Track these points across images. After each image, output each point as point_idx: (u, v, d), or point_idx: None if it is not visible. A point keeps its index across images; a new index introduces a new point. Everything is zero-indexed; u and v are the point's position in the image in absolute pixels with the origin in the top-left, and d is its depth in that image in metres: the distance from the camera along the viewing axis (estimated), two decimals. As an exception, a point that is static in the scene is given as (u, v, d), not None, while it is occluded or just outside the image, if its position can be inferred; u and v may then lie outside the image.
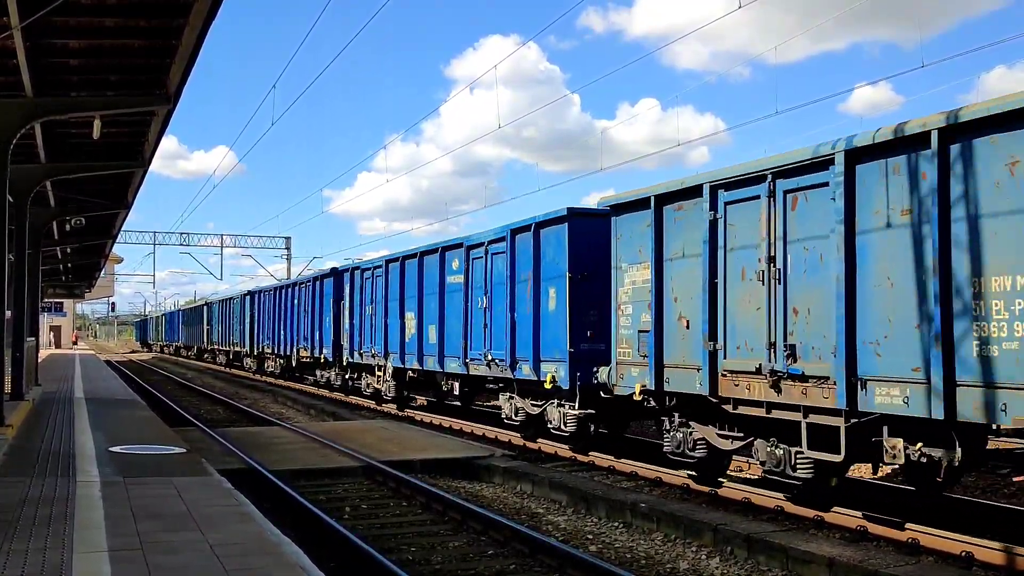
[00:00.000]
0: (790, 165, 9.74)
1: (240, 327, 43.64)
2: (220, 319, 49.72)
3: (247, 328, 41.79)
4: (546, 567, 8.46)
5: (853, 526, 9.42)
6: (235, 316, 45.12)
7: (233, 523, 7.87)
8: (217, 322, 50.69)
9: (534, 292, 15.42)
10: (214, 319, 52.16)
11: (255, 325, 40.68)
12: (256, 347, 40.58)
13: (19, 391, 18.31)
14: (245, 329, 42.31)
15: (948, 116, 8.09)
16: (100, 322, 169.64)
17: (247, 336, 41.94)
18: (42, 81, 14.21)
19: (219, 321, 49.99)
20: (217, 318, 50.86)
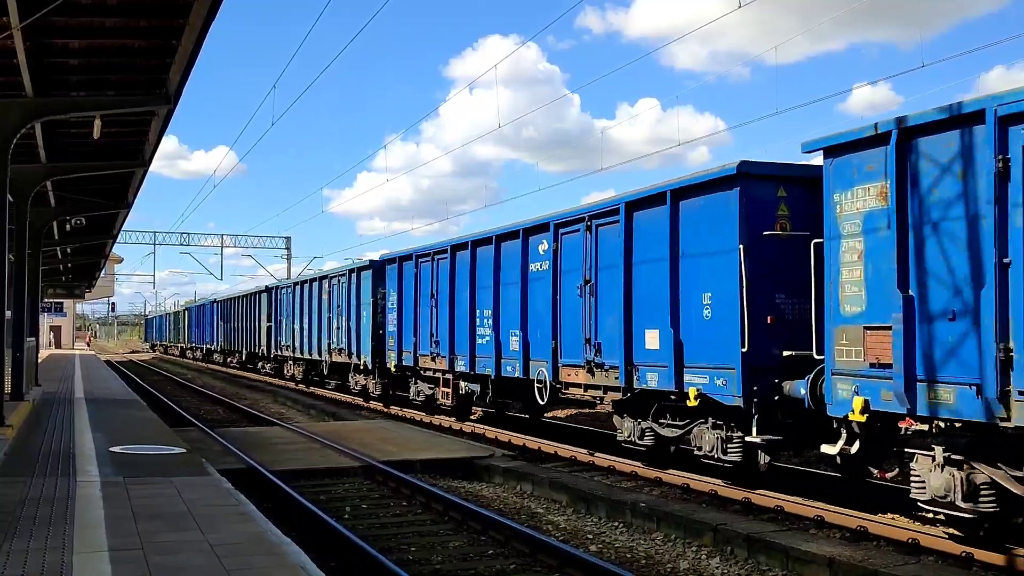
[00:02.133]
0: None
1: (307, 323, 30.77)
2: (298, 310, 31.85)
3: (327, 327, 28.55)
4: (546, 567, 8.46)
5: (853, 526, 9.41)
6: (314, 308, 30.06)
7: (233, 523, 7.87)
8: (293, 315, 32.57)
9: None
10: (291, 311, 32.95)
11: (311, 323, 30.14)
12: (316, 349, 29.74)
13: (19, 391, 18.33)
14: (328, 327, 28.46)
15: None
16: (100, 322, 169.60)
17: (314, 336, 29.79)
18: (42, 81, 14.22)
19: (295, 313, 32.36)
20: (295, 307, 32.30)
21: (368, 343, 24.00)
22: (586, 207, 14.15)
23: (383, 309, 23.24)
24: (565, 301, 14.66)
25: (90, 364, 44.35)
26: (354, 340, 25.19)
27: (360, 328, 24.73)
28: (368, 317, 24.03)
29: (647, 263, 12.36)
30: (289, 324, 32.90)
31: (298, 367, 33.01)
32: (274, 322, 35.82)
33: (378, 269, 23.74)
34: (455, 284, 18.93)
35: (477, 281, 17.83)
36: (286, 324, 33.59)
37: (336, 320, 26.93)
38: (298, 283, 32.23)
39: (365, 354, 24.24)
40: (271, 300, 36.67)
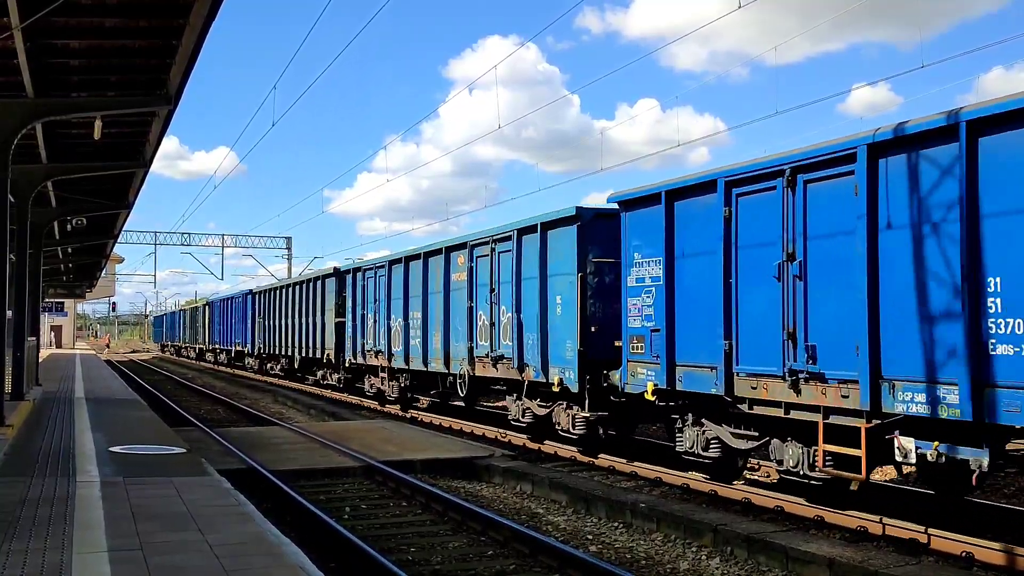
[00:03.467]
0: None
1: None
2: (398, 302, 22.18)
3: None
4: (546, 567, 8.46)
5: (853, 526, 9.42)
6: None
7: (233, 523, 7.87)
8: (387, 309, 22.80)
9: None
10: (382, 302, 23.13)
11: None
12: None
13: (19, 391, 18.33)
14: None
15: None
16: (101, 322, 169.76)
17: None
18: (43, 81, 14.23)
19: (390, 306, 22.73)
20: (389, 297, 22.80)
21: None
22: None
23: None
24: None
25: (91, 364, 44.37)
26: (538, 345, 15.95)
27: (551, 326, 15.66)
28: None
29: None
30: (379, 320, 23.02)
31: (395, 381, 22.43)
32: (355, 317, 25.06)
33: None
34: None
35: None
36: (372, 320, 23.62)
37: (493, 314, 16.87)
38: (399, 261, 21.80)
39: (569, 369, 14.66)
40: (343, 288, 26.95)
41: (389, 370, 22.55)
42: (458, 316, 18.21)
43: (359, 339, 24.67)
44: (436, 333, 19.34)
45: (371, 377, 24.40)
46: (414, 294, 20.74)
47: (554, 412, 14.94)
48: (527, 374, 15.46)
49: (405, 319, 21.15)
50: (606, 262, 13.84)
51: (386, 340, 22.37)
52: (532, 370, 15.23)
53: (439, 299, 19.15)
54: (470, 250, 17.73)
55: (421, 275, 20.24)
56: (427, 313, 19.87)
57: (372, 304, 23.65)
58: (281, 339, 35.89)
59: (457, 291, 18.27)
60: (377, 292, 23.35)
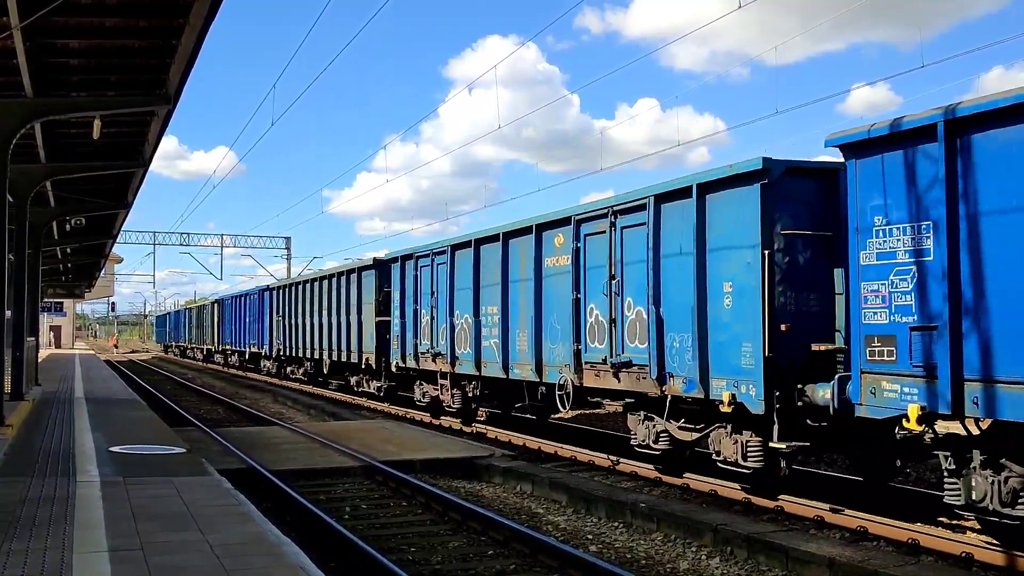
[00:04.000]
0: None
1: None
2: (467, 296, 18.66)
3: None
4: (546, 567, 8.46)
5: (853, 526, 9.42)
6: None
7: (233, 523, 7.87)
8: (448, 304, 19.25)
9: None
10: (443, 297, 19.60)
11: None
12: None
13: (19, 391, 18.33)
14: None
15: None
16: (100, 322, 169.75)
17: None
18: (42, 81, 14.23)
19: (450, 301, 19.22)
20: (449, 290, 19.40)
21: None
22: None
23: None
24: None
25: (91, 364, 44.36)
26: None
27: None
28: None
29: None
30: (437, 317, 19.37)
31: (459, 389, 18.89)
32: (403, 314, 21.24)
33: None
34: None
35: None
36: (429, 318, 19.75)
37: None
38: (465, 244, 18.18)
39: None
40: (385, 281, 23.53)
41: (452, 376, 18.85)
42: (556, 311, 14.49)
43: (410, 340, 20.80)
44: (520, 332, 15.74)
45: (424, 384, 20.78)
46: (488, 284, 17.12)
47: (712, 438, 11.26)
48: (672, 387, 11.57)
49: (475, 315, 17.38)
50: (801, 235, 10.35)
51: (448, 341, 18.59)
52: (680, 382, 11.36)
53: (525, 290, 15.55)
54: (575, 227, 13.86)
55: (499, 261, 16.48)
56: (507, 308, 16.25)
57: (428, 298, 19.74)
58: (305, 340, 31.69)
59: (554, 279, 14.59)
60: (435, 284, 19.50)
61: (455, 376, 18.79)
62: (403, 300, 21.38)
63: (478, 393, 18.36)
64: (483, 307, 17.28)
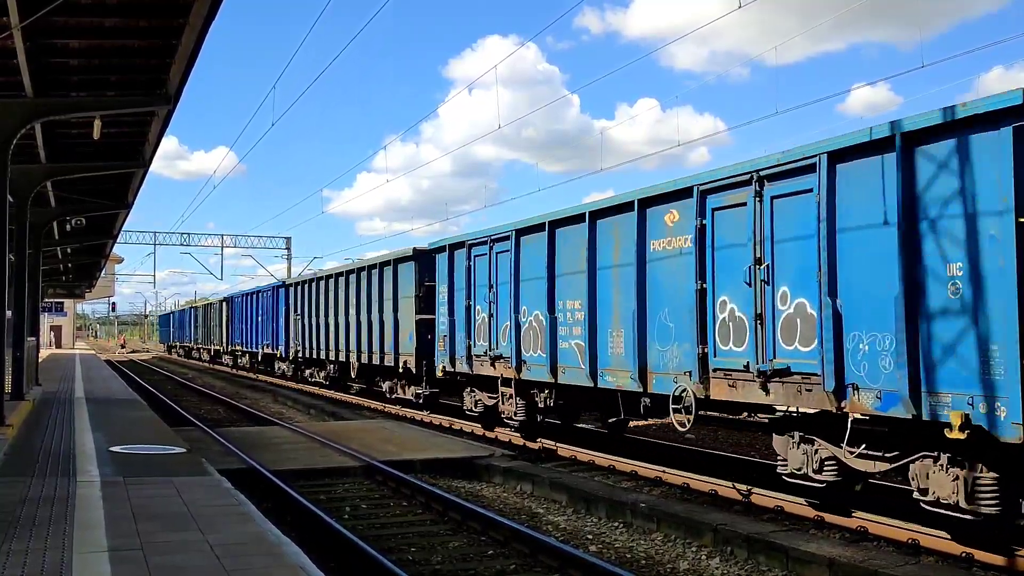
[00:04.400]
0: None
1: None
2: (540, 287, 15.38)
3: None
4: (546, 567, 8.46)
5: (853, 526, 9.42)
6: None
7: (233, 523, 7.87)
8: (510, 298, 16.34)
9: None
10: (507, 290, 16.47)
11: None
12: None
13: (19, 391, 18.33)
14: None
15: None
16: (100, 322, 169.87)
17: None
18: (42, 81, 14.23)
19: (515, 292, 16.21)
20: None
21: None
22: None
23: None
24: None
25: (91, 364, 44.37)
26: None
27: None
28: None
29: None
30: (497, 314, 16.52)
31: (524, 398, 16.08)
32: (452, 311, 18.25)
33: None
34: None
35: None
36: (487, 315, 16.91)
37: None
38: (536, 228, 15.27)
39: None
40: (427, 274, 20.98)
41: (517, 383, 15.92)
42: (667, 304, 11.77)
43: (460, 341, 17.76)
44: (614, 332, 12.93)
45: (476, 391, 17.84)
46: (568, 273, 14.18)
47: (915, 471, 8.69)
48: (856, 403, 8.95)
49: (550, 311, 14.48)
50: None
51: (512, 342, 15.64)
52: (870, 396, 8.77)
53: (622, 280, 12.77)
54: (699, 200, 11.09)
55: (584, 246, 13.56)
56: (595, 302, 13.41)
57: (485, 293, 16.86)
58: (328, 341, 28.84)
59: (664, 266, 11.88)
60: (494, 275, 16.56)
61: (521, 383, 15.87)
62: (452, 295, 18.25)
63: (551, 403, 15.47)
64: (560, 302, 14.40)
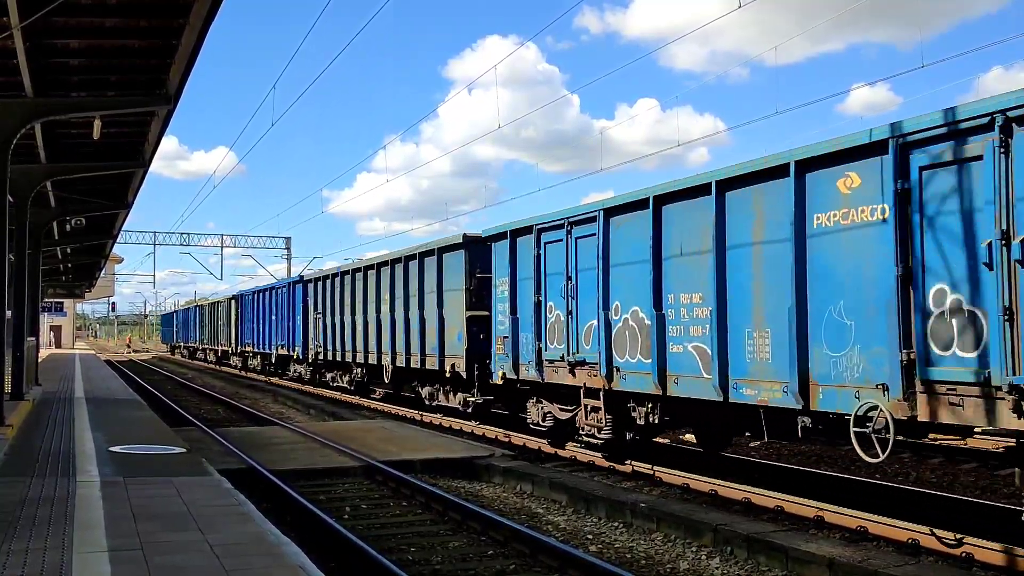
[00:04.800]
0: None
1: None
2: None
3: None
4: (546, 567, 8.46)
5: (853, 526, 9.42)
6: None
7: (233, 523, 7.87)
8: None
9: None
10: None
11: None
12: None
13: (19, 391, 18.33)
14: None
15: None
16: (100, 322, 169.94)
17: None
18: (42, 81, 14.23)
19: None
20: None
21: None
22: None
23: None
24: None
25: (91, 364, 44.36)
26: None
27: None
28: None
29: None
30: (577, 310, 13.91)
31: (610, 413, 13.40)
32: (514, 307, 15.72)
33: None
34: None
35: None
36: (565, 312, 14.15)
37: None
38: (635, 205, 12.61)
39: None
40: (479, 264, 18.39)
41: (606, 395, 13.12)
42: (843, 295, 9.13)
43: (527, 342, 15.15)
44: (758, 331, 10.21)
45: (545, 402, 15.22)
46: (682, 257, 11.50)
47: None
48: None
49: (656, 307, 11.74)
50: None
51: (601, 344, 12.93)
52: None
53: (767, 264, 10.11)
54: (898, 156, 8.48)
55: (708, 223, 10.90)
56: (725, 292, 10.71)
57: (561, 285, 14.07)
58: (355, 342, 25.93)
59: (836, 245, 9.24)
60: (572, 264, 13.80)
61: (612, 396, 13.10)
62: (514, 289, 15.62)
63: (654, 420, 12.58)
64: (670, 294, 11.71)
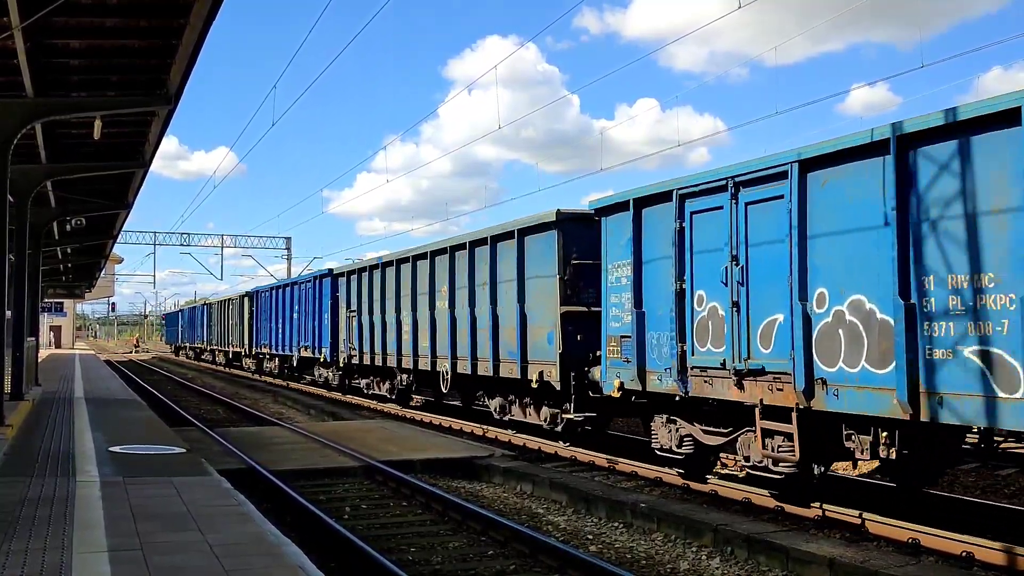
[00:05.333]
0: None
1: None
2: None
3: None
4: (546, 567, 8.45)
5: (854, 526, 9.41)
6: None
7: (233, 523, 7.86)
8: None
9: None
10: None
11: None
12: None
13: (19, 391, 18.33)
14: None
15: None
16: (100, 322, 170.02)
17: None
18: (43, 81, 14.22)
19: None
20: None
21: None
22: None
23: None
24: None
25: (90, 364, 44.35)
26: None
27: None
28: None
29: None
30: (760, 297, 10.41)
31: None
32: (641, 299, 12.41)
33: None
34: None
35: None
36: (730, 304, 10.73)
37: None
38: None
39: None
40: (575, 248, 15.15)
41: (802, 416, 9.73)
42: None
43: (661, 343, 11.83)
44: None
45: (684, 423, 11.89)
46: (962, 220, 8.08)
47: None
48: None
49: (902, 294, 8.46)
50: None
51: (795, 346, 9.62)
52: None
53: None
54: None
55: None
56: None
57: (722, 266, 10.75)
58: (399, 344, 22.44)
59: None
60: (740, 239, 10.56)
61: (813, 417, 9.68)
62: (639, 274, 12.29)
63: (891, 454, 9.13)
64: (926, 276, 8.37)
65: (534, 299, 16.05)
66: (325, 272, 29.81)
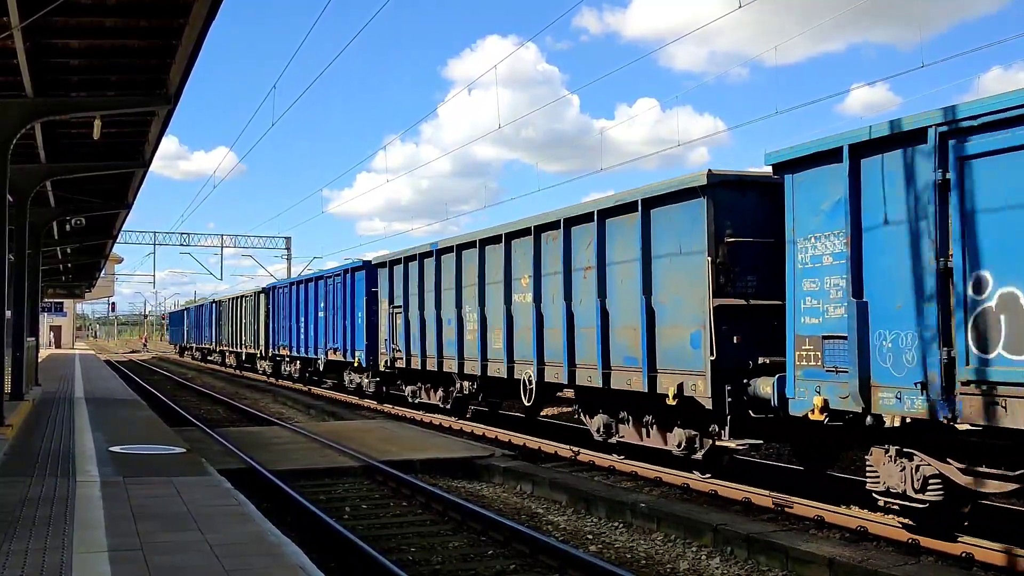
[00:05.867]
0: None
1: None
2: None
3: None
4: (546, 567, 8.45)
5: (853, 526, 9.42)
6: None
7: (233, 523, 7.86)
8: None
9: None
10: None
11: None
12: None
13: (19, 391, 18.33)
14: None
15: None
16: (100, 322, 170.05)
17: None
18: (42, 81, 14.23)
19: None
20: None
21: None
22: None
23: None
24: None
25: (90, 364, 44.35)
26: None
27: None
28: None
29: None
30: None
31: None
32: (859, 292, 8.98)
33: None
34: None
35: None
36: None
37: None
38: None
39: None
40: (738, 217, 11.44)
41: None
42: None
43: (904, 347, 8.43)
44: None
45: (931, 460, 8.68)
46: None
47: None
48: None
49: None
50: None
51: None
52: None
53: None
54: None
55: None
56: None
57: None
58: (458, 346, 18.80)
59: None
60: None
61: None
62: (857, 249, 9.01)
63: None
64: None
65: (667, 289, 12.34)
66: (359, 264, 26.31)
